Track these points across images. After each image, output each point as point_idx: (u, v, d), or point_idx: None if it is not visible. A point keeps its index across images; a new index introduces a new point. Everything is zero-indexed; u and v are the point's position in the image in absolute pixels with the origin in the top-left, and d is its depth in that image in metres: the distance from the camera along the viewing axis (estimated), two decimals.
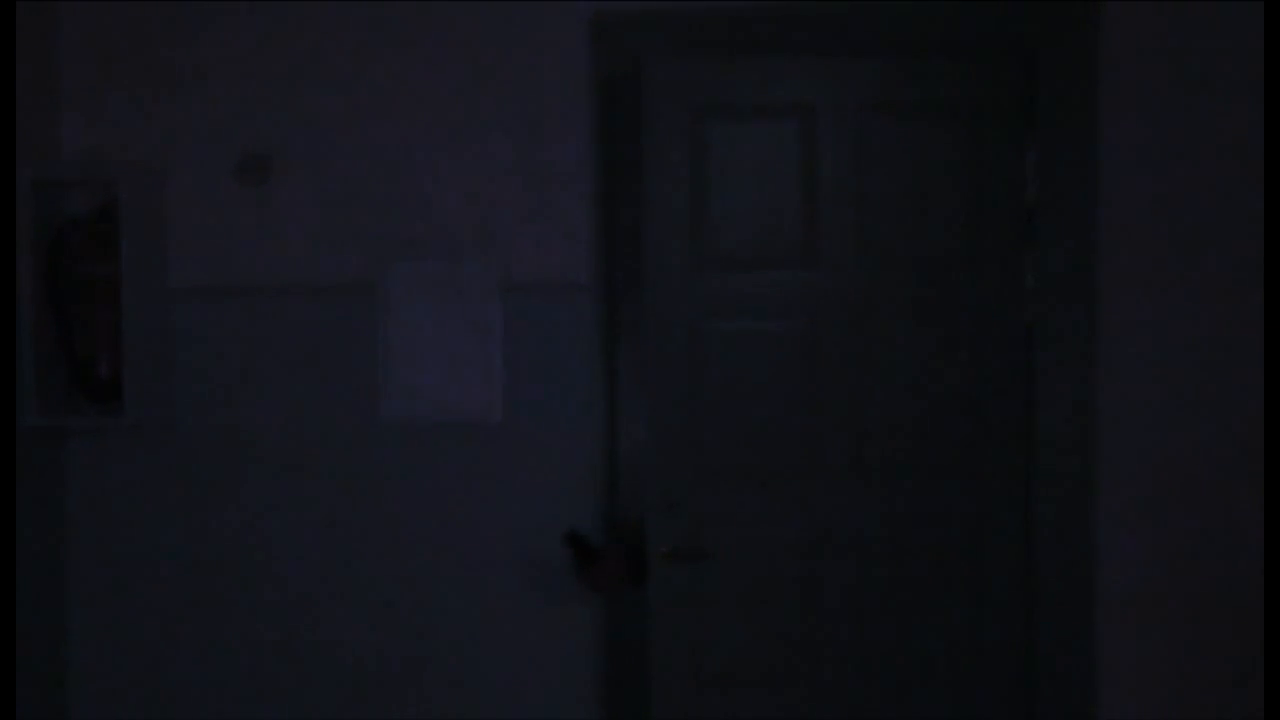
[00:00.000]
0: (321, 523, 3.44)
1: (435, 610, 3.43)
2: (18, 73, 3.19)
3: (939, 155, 3.33)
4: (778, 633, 3.38)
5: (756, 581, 3.38)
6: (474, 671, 3.43)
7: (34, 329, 3.26)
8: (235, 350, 3.44)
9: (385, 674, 3.44)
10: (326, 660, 3.45)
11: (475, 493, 3.41)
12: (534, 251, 3.38)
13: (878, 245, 3.34)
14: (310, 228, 3.42)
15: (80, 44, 3.43)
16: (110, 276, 3.28)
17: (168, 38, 3.42)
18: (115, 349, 3.30)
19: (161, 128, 3.43)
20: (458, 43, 3.37)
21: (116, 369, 3.31)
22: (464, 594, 3.42)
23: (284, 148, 3.41)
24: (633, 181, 3.39)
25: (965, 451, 3.36)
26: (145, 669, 3.48)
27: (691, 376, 3.35)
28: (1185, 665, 3.27)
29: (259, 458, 3.44)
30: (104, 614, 3.48)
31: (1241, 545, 3.23)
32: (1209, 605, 3.26)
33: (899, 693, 3.39)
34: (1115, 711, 3.29)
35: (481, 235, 3.38)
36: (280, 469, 3.44)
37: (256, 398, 3.44)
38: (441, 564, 3.42)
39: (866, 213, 3.33)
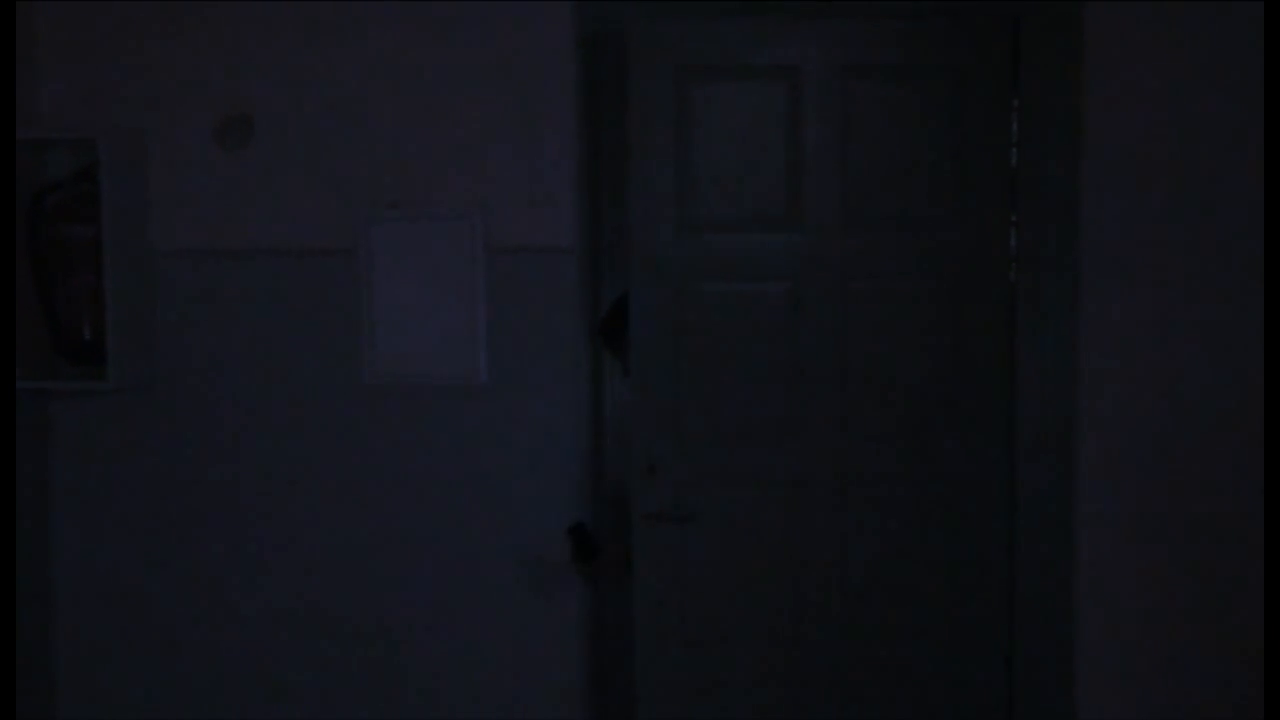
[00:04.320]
0: (304, 486, 3.44)
1: (418, 573, 3.43)
2: None
3: (924, 118, 3.33)
4: (762, 593, 3.40)
5: (741, 542, 3.39)
6: (457, 634, 3.44)
7: (15, 291, 3.24)
8: (218, 313, 3.43)
9: (366, 636, 3.45)
10: (308, 621, 3.45)
11: (459, 455, 3.41)
12: (517, 214, 3.36)
13: (862, 207, 3.33)
14: (292, 189, 3.39)
15: (59, 3, 3.38)
16: (91, 239, 3.26)
17: None
18: (97, 312, 3.28)
19: (142, 88, 3.39)
20: (440, 3, 3.34)
21: (99, 332, 3.29)
22: (447, 556, 3.43)
23: (265, 109, 3.38)
24: (617, 143, 3.38)
25: (949, 411, 3.37)
26: (128, 631, 3.49)
27: (676, 338, 3.35)
28: (1165, 626, 3.31)
29: (242, 421, 3.44)
30: (87, 574, 3.48)
31: (1220, 503, 3.25)
32: (1189, 565, 3.29)
33: (883, 651, 3.42)
34: (1093, 663, 3.33)
35: (465, 197, 3.37)
36: (263, 432, 3.44)
37: (239, 360, 3.43)
38: (425, 526, 3.43)
39: (851, 175, 3.32)
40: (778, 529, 3.40)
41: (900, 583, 3.41)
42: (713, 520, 3.38)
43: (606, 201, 3.45)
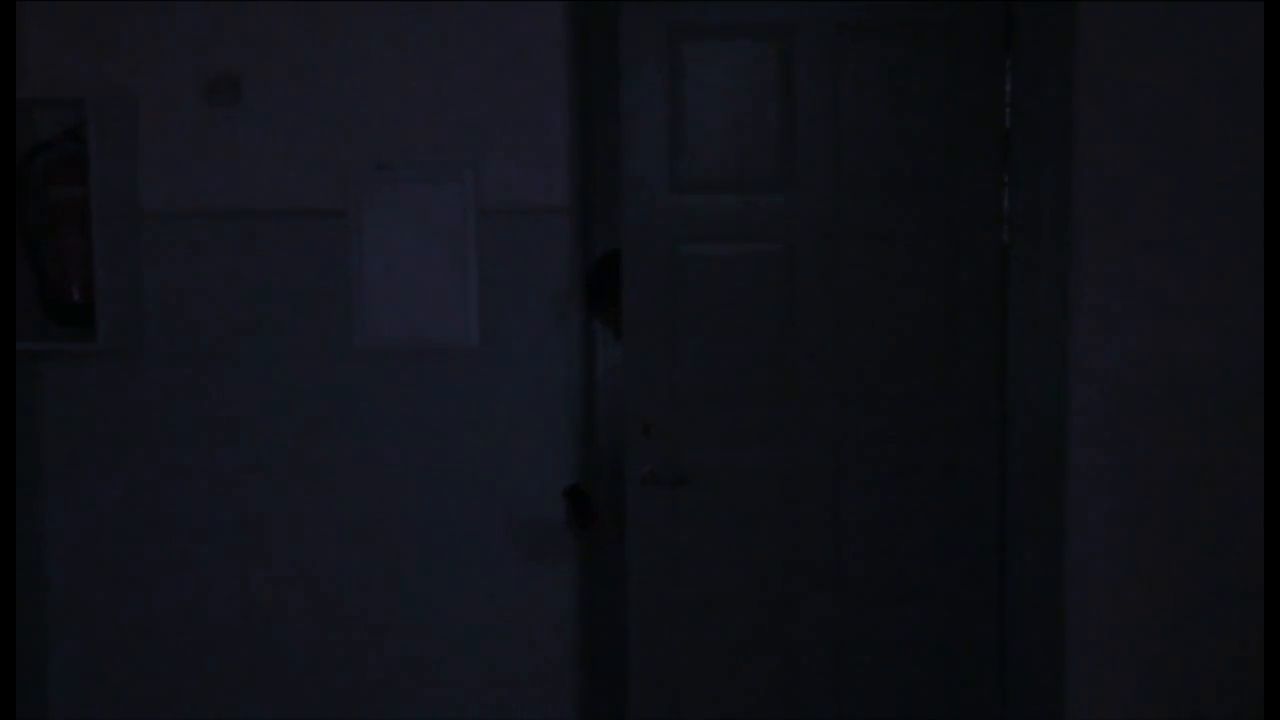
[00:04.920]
0: (295, 448, 3.42)
1: (410, 535, 3.42)
2: None
3: (917, 77, 3.32)
4: (756, 556, 3.40)
5: (734, 504, 3.39)
6: (448, 597, 3.43)
7: (14, 256, 3.21)
8: (207, 275, 3.40)
9: (357, 596, 3.44)
10: (300, 584, 3.45)
11: (451, 418, 3.39)
12: (510, 175, 3.35)
13: (855, 168, 3.33)
14: (283, 150, 3.37)
15: None
16: (80, 199, 3.23)
17: None
18: (86, 273, 3.26)
19: (131, 47, 3.36)
20: None
21: (88, 293, 3.27)
22: (439, 518, 3.41)
23: (255, 69, 3.35)
24: (610, 103, 3.37)
25: (940, 371, 3.37)
26: (118, 592, 3.47)
27: (668, 299, 3.35)
28: (1158, 606, 3.32)
29: (233, 383, 3.42)
30: (77, 535, 3.46)
31: (1214, 469, 3.26)
32: (1181, 541, 3.29)
33: (876, 615, 3.42)
34: (1084, 634, 3.34)
35: (456, 158, 3.35)
36: (254, 394, 3.42)
37: (229, 323, 3.41)
38: (416, 488, 3.41)
39: (844, 135, 3.32)
40: (771, 492, 3.40)
41: (893, 546, 3.41)
42: (706, 483, 3.38)
43: (599, 162, 3.44)
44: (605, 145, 3.42)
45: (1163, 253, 3.26)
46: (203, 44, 3.35)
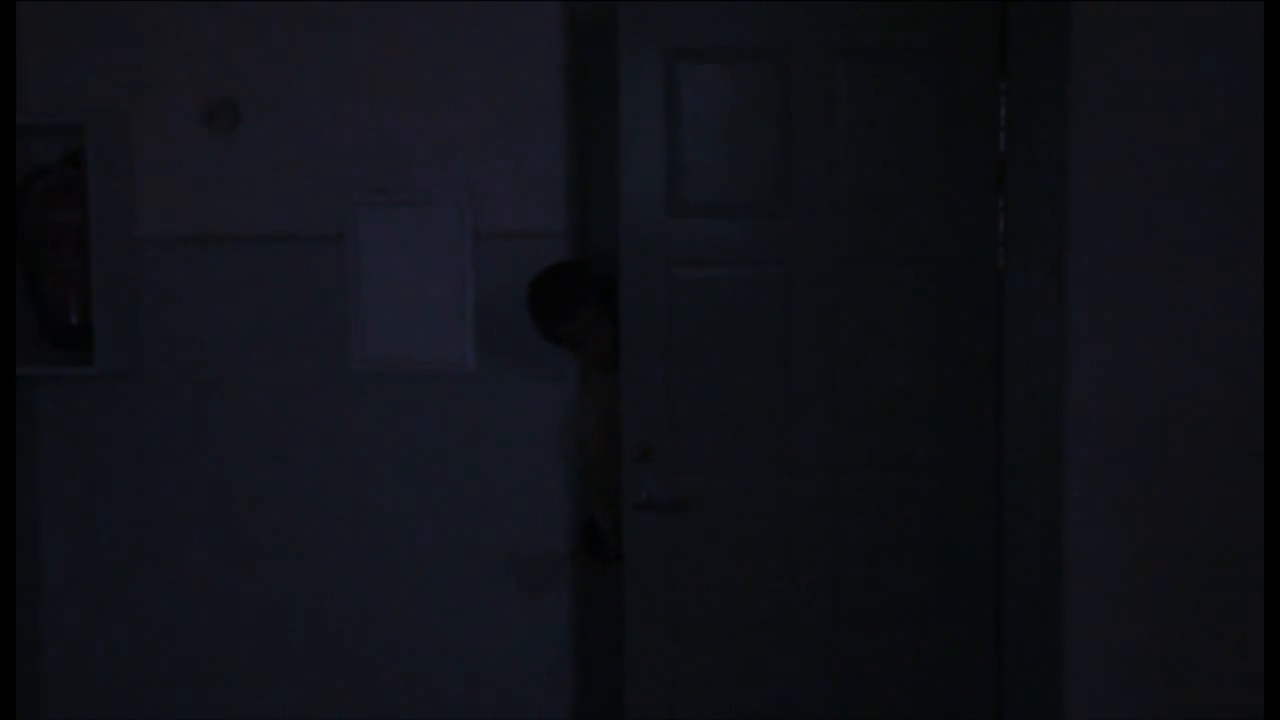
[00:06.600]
0: (291, 472, 3.43)
1: (405, 559, 3.42)
2: None
3: (912, 102, 3.32)
4: (752, 577, 3.39)
5: (731, 530, 3.38)
6: (443, 622, 3.42)
7: (14, 281, 3.23)
8: (205, 299, 3.42)
9: (352, 620, 3.44)
10: (295, 607, 3.45)
11: (447, 439, 3.40)
12: (506, 198, 3.36)
13: (850, 191, 3.33)
14: (280, 175, 3.39)
15: None
16: (78, 224, 3.25)
17: None
18: (84, 297, 3.27)
19: (129, 73, 3.39)
20: None
21: (85, 317, 3.28)
22: (434, 543, 3.41)
23: (253, 94, 3.38)
24: (606, 127, 3.37)
25: (937, 397, 3.36)
26: (115, 616, 3.47)
27: (665, 324, 3.34)
28: (1156, 612, 3.30)
29: (230, 407, 3.43)
30: (74, 559, 3.46)
31: (1211, 490, 3.25)
32: (1179, 553, 3.28)
33: (874, 640, 3.40)
34: (1081, 650, 3.32)
35: (453, 182, 3.36)
36: (250, 418, 3.43)
37: (226, 347, 3.42)
38: (412, 512, 3.41)
39: (840, 158, 3.32)
40: (769, 516, 3.38)
41: (892, 571, 3.39)
42: (705, 507, 3.37)
43: (596, 186, 3.45)
44: (602, 169, 3.42)
45: (1159, 274, 3.25)
46: (201, 70, 3.38)
